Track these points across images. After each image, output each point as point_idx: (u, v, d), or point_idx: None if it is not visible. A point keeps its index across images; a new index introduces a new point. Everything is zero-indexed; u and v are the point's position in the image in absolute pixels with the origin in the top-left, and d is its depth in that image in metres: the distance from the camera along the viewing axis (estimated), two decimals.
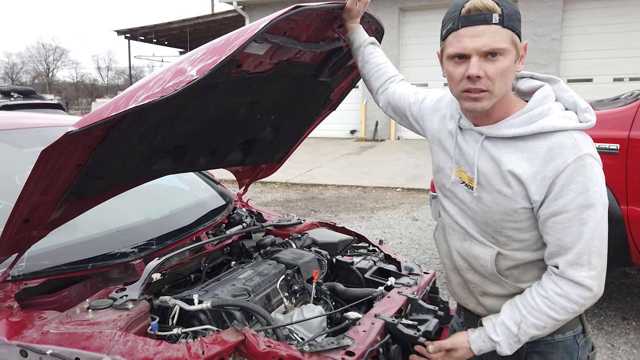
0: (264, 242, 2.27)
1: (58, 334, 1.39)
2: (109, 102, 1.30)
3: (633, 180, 3.07)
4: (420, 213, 6.64)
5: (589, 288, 1.20)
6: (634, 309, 3.72)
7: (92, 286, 1.75)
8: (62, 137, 1.24)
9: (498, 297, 1.38)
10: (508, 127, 1.24)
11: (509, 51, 1.17)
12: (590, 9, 11.86)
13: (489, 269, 1.34)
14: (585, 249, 1.19)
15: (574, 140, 1.19)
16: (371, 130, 14.09)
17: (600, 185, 1.19)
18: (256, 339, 1.40)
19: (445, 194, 1.43)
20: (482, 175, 1.29)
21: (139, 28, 19.60)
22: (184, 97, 1.43)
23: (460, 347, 1.37)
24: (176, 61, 1.34)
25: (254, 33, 1.31)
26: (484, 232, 1.33)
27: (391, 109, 1.69)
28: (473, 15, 1.16)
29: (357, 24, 1.71)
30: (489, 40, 1.15)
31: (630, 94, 3.70)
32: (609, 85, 11.64)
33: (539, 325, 1.26)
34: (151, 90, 1.26)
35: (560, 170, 1.17)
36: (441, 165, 1.43)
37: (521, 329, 1.27)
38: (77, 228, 1.99)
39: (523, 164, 1.21)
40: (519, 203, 1.23)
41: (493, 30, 1.15)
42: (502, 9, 1.16)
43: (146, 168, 1.81)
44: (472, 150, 1.31)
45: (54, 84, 48.08)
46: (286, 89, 1.96)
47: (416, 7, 13.19)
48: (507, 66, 1.17)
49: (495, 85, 1.18)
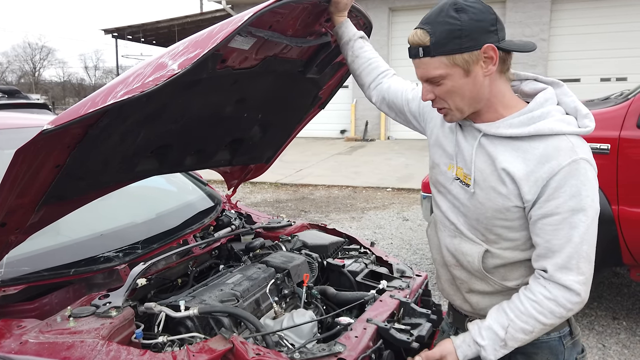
0: (253, 245, 2.22)
1: (37, 343, 1.33)
2: (86, 99, 1.24)
3: (624, 181, 3.07)
4: (411, 213, 6.62)
5: (577, 293, 1.20)
6: (624, 308, 3.73)
7: (75, 292, 1.69)
8: (37, 135, 1.18)
9: (483, 294, 1.39)
10: (506, 126, 1.25)
11: (449, 73, 1.22)
12: (578, 9, 11.98)
13: (476, 265, 1.34)
14: (575, 253, 1.19)
15: (571, 144, 1.20)
16: (361, 130, 14.09)
17: (594, 190, 1.19)
18: (245, 346, 1.35)
19: (439, 190, 1.44)
20: (478, 171, 1.30)
21: (126, 27, 19.42)
22: (166, 94, 1.38)
23: (448, 353, 1.35)
24: (157, 55, 1.29)
25: (237, 26, 1.26)
26: (474, 229, 1.34)
27: (386, 105, 1.66)
28: (410, 49, 1.27)
29: (345, 18, 1.68)
30: (424, 72, 1.26)
31: (620, 94, 3.72)
32: (596, 85, 11.76)
33: (526, 329, 1.25)
34: (130, 85, 1.21)
35: (554, 172, 1.18)
36: (437, 161, 1.44)
37: (508, 333, 1.26)
38: (59, 232, 1.92)
39: (518, 164, 1.22)
40: (512, 201, 1.24)
41: (424, 62, 1.24)
42: (431, 38, 1.21)
43: (129, 169, 1.75)
44: (470, 146, 1.32)
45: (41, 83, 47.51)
46: (273, 86, 1.91)
47: (405, 7, 13.22)
48: (451, 86, 1.24)
49: (450, 102, 1.27)
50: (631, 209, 3.06)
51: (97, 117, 1.31)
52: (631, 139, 3.06)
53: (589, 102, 3.81)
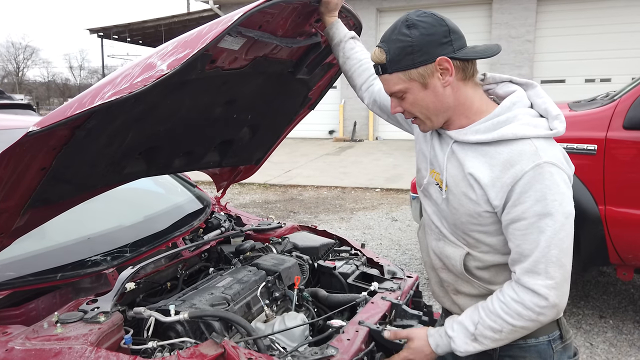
0: (244, 248, 2.20)
1: (24, 350, 1.30)
2: (73, 100, 1.21)
3: (610, 181, 3.10)
4: (400, 213, 6.64)
5: (544, 297, 1.20)
6: (611, 307, 3.77)
7: (62, 298, 1.66)
8: (23, 137, 1.15)
9: (470, 296, 1.40)
10: (473, 132, 1.28)
11: (408, 87, 1.27)
12: (563, 11, 12.13)
13: (458, 268, 1.35)
14: (542, 258, 1.19)
15: (535, 148, 1.20)
16: (349, 130, 14.10)
17: (561, 194, 1.18)
18: (236, 351, 1.34)
19: (424, 194, 1.46)
20: (450, 177, 1.32)
21: (112, 27, 19.20)
22: (155, 95, 1.36)
23: (417, 338, 1.40)
24: (145, 55, 1.27)
25: (227, 26, 1.24)
26: (455, 233, 1.36)
27: (377, 107, 1.67)
28: (373, 66, 1.34)
29: (335, 18, 1.67)
30: (387, 87, 1.32)
31: (606, 95, 3.76)
32: (581, 86, 11.92)
33: (495, 327, 1.26)
34: (119, 86, 1.19)
35: (518, 177, 1.18)
36: (419, 166, 1.48)
37: (478, 330, 1.29)
38: (45, 236, 1.89)
39: (484, 169, 1.24)
40: (482, 207, 1.25)
41: (385, 79, 1.31)
42: (387, 56, 1.27)
43: (117, 171, 1.72)
44: (443, 153, 1.35)
45: (24, 83, 46.85)
46: (263, 87, 1.89)
47: (393, 8, 13.26)
48: (413, 99, 1.29)
49: (418, 114, 1.31)
50: (618, 209, 3.10)
51: (84, 118, 1.29)
52: (617, 140, 3.10)
53: (575, 103, 3.85)
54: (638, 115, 3.04)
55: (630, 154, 3.10)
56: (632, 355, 3.12)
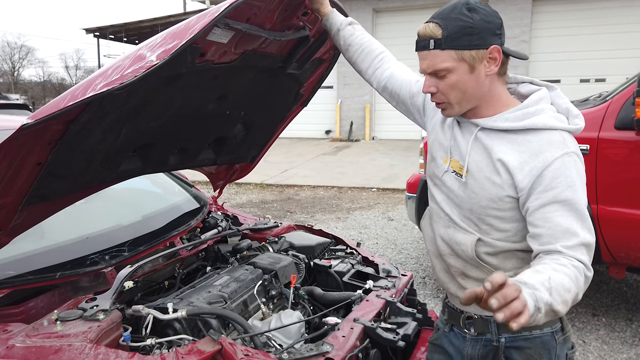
0: (240, 247, 2.22)
1: (24, 347, 1.32)
2: (66, 92, 1.24)
3: (602, 180, 3.14)
4: (396, 213, 6.67)
5: (589, 265, 1.22)
6: (604, 305, 3.81)
7: (61, 296, 1.68)
8: (18, 131, 1.17)
9: (478, 280, 1.42)
10: (503, 120, 1.33)
11: (455, 67, 1.28)
12: (559, 12, 12.17)
13: (469, 253, 1.39)
14: (578, 236, 1.20)
15: (562, 138, 1.28)
16: (346, 130, 14.12)
17: (584, 183, 1.27)
18: (233, 347, 1.36)
19: (435, 183, 1.49)
20: (473, 162, 1.36)
21: (108, 26, 19.15)
22: (147, 89, 1.38)
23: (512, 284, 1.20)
24: (135, 48, 1.29)
25: (214, 17, 1.27)
26: (468, 220, 1.39)
27: (387, 94, 1.68)
28: (419, 42, 1.32)
29: (329, 9, 1.69)
30: (430, 63, 1.30)
31: (598, 96, 3.80)
32: (576, 86, 11.96)
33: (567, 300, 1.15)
34: (110, 77, 1.21)
35: (548, 163, 1.24)
36: (434, 155, 1.50)
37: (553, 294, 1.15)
38: (44, 235, 1.91)
39: (512, 154, 1.29)
40: (505, 191, 1.30)
41: (433, 54, 1.29)
42: (443, 31, 1.26)
43: (113, 168, 1.74)
44: (466, 140, 1.40)
45: (20, 83, 46.61)
46: (254, 83, 1.91)
47: (389, 9, 13.28)
48: (456, 80, 1.30)
49: (450, 97, 1.32)
50: (610, 208, 3.14)
51: (78, 112, 1.31)
52: (609, 140, 3.14)
53: None
54: (629, 116, 3.08)
55: (622, 153, 3.15)
56: (624, 352, 3.17)
